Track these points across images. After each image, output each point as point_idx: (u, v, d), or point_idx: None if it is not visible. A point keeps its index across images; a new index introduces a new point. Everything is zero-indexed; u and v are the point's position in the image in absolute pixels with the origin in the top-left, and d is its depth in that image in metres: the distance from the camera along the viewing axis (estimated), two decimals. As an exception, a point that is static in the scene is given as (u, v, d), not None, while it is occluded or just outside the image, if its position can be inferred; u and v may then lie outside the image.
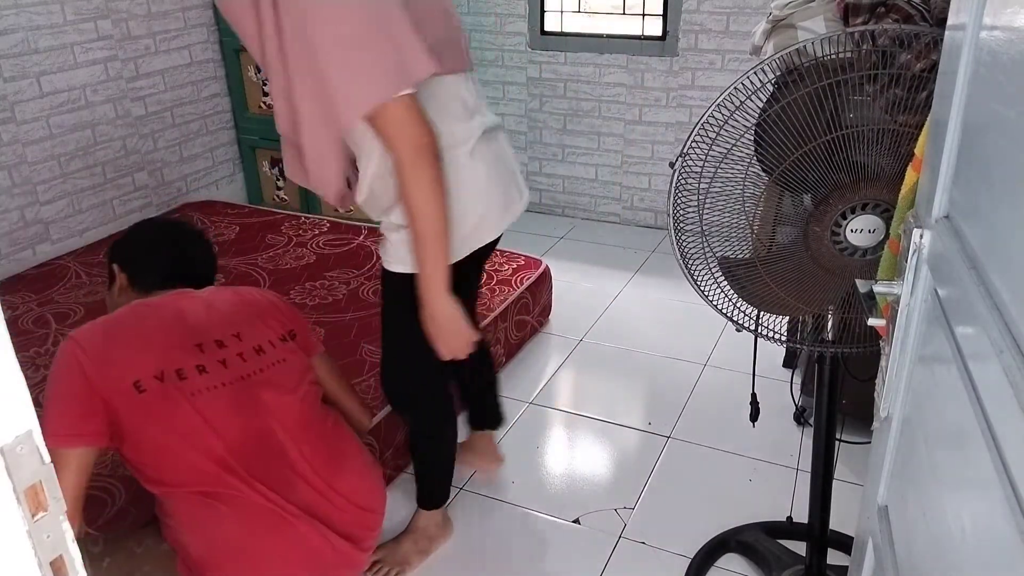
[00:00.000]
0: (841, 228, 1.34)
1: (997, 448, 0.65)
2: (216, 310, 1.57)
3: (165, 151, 3.71)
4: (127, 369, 1.41)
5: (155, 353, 1.45)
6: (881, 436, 1.10)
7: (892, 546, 1.01)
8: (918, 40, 1.24)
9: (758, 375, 1.78)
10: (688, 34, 3.57)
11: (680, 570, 1.91)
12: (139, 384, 1.41)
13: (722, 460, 2.30)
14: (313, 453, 1.57)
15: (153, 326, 1.49)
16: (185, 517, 1.46)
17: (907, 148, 1.25)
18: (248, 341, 1.56)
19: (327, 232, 3.31)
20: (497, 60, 3.98)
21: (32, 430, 0.56)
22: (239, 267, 3.01)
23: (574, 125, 3.96)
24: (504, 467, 2.28)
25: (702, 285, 1.52)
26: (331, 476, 1.58)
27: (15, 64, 3.01)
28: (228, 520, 1.45)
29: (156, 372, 1.42)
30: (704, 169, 1.39)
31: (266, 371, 1.55)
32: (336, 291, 2.80)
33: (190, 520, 1.46)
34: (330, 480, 1.58)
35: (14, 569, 0.56)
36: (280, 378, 1.57)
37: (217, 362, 1.50)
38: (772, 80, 1.33)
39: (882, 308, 1.09)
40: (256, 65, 3.87)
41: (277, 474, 1.51)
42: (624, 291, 3.32)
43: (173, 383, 1.43)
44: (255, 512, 1.46)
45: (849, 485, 2.13)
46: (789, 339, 1.63)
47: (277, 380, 1.56)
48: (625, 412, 2.55)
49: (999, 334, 0.67)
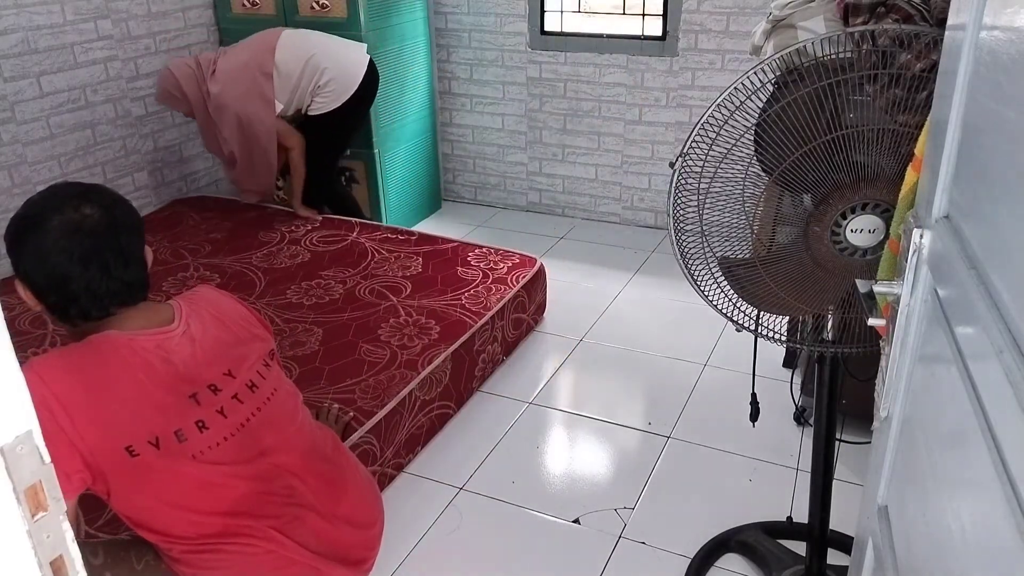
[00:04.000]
0: (841, 228, 1.34)
1: (997, 448, 0.65)
2: (201, 346, 1.40)
3: (165, 151, 3.71)
4: (118, 434, 1.26)
5: (149, 415, 1.29)
6: (881, 436, 1.10)
7: (892, 546, 1.01)
8: (918, 40, 1.24)
9: (758, 375, 1.78)
10: (688, 34, 3.57)
11: (680, 570, 1.91)
12: (132, 449, 1.26)
13: (722, 460, 2.30)
14: (318, 481, 1.53)
15: (142, 379, 1.30)
16: (185, 558, 1.39)
17: (907, 148, 1.25)
18: (240, 377, 1.44)
19: (320, 228, 3.31)
20: (497, 60, 3.99)
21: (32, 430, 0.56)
22: (233, 266, 3.01)
23: (574, 125, 3.96)
24: (504, 467, 2.28)
25: (702, 285, 1.52)
26: (334, 501, 1.55)
27: (15, 64, 3.01)
28: (234, 561, 1.40)
29: (151, 437, 1.28)
30: (704, 169, 1.39)
31: (263, 409, 1.46)
32: (332, 290, 2.80)
33: (190, 561, 1.39)
34: (334, 507, 1.55)
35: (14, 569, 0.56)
36: (277, 413, 1.48)
37: (216, 413, 1.37)
38: (772, 80, 1.33)
39: (882, 308, 1.09)
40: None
41: (287, 514, 1.46)
42: (624, 291, 3.32)
43: (172, 446, 1.30)
44: (262, 556, 1.43)
45: (849, 485, 2.13)
46: (789, 339, 1.63)
47: (275, 417, 1.48)
48: (625, 412, 2.55)
49: (999, 334, 0.67)
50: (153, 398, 1.31)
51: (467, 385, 2.55)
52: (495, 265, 2.96)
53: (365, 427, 2.08)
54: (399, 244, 3.14)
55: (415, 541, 2.02)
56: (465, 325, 2.55)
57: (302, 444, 1.52)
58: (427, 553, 1.99)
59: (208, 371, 1.40)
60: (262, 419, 1.45)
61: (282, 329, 2.55)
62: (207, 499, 1.35)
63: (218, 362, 1.42)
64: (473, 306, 2.67)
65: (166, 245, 3.17)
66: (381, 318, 2.60)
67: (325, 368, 2.33)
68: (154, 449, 1.28)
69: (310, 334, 2.52)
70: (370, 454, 2.09)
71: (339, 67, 3.20)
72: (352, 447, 2.02)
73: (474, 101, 4.12)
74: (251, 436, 1.42)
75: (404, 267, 2.96)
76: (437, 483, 2.22)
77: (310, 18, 3.63)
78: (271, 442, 1.45)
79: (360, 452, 2.04)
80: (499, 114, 4.09)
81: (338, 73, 3.19)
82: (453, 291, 2.77)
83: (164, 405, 1.31)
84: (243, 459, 1.40)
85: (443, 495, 2.18)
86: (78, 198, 1.32)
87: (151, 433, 1.29)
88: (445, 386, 2.41)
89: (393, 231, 3.28)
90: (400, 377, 2.28)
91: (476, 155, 4.26)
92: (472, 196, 4.36)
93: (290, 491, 1.47)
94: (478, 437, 2.41)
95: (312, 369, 2.32)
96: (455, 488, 2.20)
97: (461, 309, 2.65)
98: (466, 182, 4.35)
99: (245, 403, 1.43)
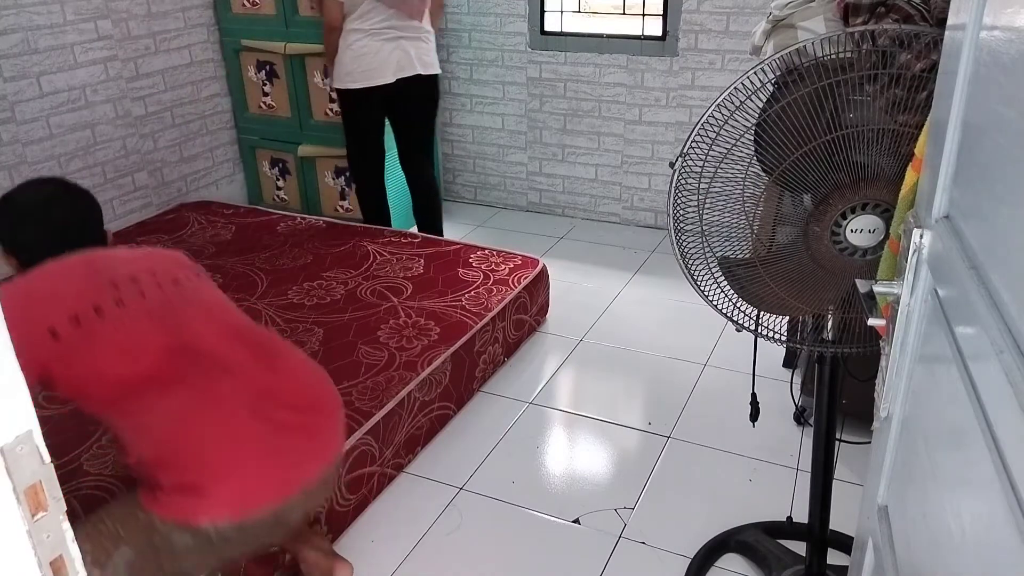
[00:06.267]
0: (841, 228, 1.34)
1: (997, 448, 0.65)
2: (123, 254, 1.59)
3: (165, 151, 3.72)
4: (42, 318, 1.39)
5: (68, 298, 1.43)
6: (881, 436, 1.10)
7: (892, 546, 1.01)
8: (918, 40, 1.24)
9: (758, 375, 1.78)
10: (688, 34, 3.57)
11: (680, 570, 1.91)
12: (54, 330, 1.38)
13: (722, 460, 2.30)
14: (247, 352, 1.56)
15: (62, 274, 1.48)
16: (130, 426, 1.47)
17: (907, 148, 1.25)
18: (163, 275, 1.56)
19: (324, 232, 3.31)
20: (497, 60, 3.99)
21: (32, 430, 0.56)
22: (236, 267, 3.01)
23: (574, 125, 3.96)
24: (504, 467, 2.28)
25: (702, 285, 1.52)
26: (271, 360, 1.58)
27: (15, 64, 3.01)
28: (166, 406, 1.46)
29: (70, 315, 1.40)
30: (704, 169, 1.39)
31: (187, 295, 1.56)
32: (334, 291, 2.80)
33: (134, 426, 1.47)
34: (271, 362, 1.58)
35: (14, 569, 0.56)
36: (201, 298, 1.59)
37: (136, 293, 1.48)
38: (772, 80, 1.33)
39: (882, 308, 1.09)
40: (256, 65, 3.88)
41: (211, 371, 1.51)
42: (624, 291, 3.32)
43: (90, 322, 1.42)
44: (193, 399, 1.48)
45: (849, 485, 2.13)
46: (789, 339, 1.63)
47: (199, 300, 1.57)
48: (625, 412, 2.55)
49: (999, 334, 0.67)
50: (71, 284, 1.46)
51: (467, 386, 2.55)
52: (497, 267, 2.96)
53: (363, 428, 2.07)
54: (402, 246, 3.14)
55: (415, 541, 2.02)
56: (465, 326, 2.55)
57: (228, 322, 1.59)
58: (427, 553, 1.99)
59: (128, 267, 1.53)
60: (185, 299, 1.55)
61: (283, 329, 2.55)
62: (128, 362, 1.44)
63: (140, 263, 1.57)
64: (474, 307, 2.67)
65: (170, 248, 3.17)
66: (381, 319, 2.60)
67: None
68: (75, 327, 1.40)
69: (311, 334, 2.52)
70: (369, 454, 2.09)
71: (374, 47, 2.99)
72: (351, 448, 2.02)
73: (474, 101, 4.12)
74: (172, 312, 1.51)
75: (406, 268, 2.96)
76: (437, 483, 2.22)
77: (310, 18, 3.63)
78: (193, 316, 1.54)
79: (359, 452, 2.05)
80: (499, 114, 4.09)
81: (366, 50, 2.99)
82: (454, 293, 2.77)
83: (81, 289, 1.45)
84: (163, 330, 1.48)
85: (443, 495, 2.18)
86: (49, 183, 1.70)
87: (71, 311, 1.41)
88: (445, 387, 2.41)
89: (396, 234, 3.28)
90: (399, 378, 2.28)
91: (476, 155, 4.26)
92: (472, 196, 4.36)
93: (211, 354, 1.52)
94: (478, 437, 2.41)
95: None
96: (455, 488, 2.20)
97: (462, 310, 2.65)
98: (466, 182, 4.35)
99: (165, 290, 1.54)
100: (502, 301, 2.71)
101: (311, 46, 3.66)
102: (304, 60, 3.74)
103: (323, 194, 3.99)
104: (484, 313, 2.63)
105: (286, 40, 3.74)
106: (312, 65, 3.74)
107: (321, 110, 3.83)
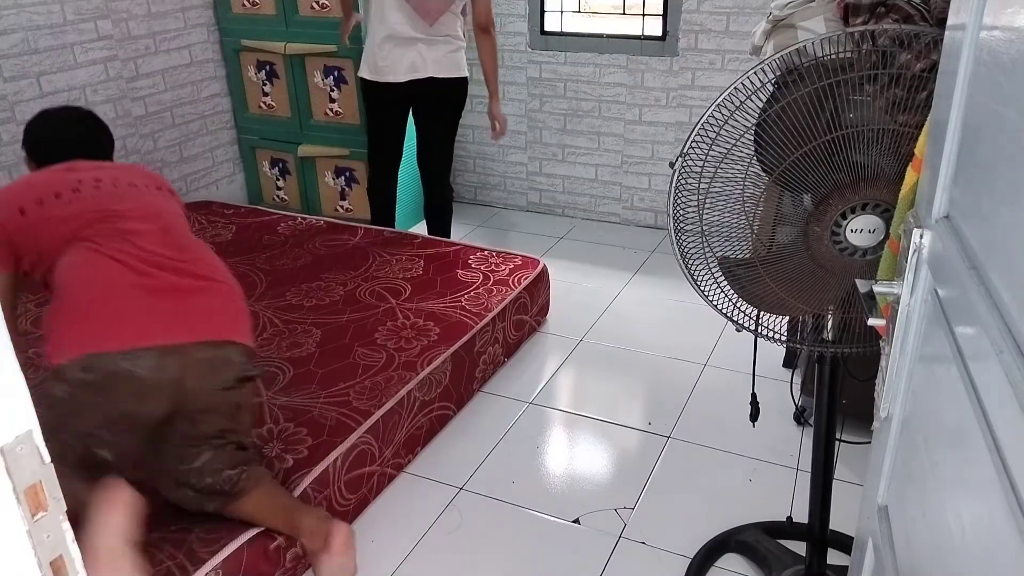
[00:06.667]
0: (841, 228, 1.34)
1: (997, 448, 0.65)
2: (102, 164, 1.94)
3: (165, 151, 3.71)
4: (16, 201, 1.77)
5: (37, 187, 1.81)
6: (881, 436, 1.10)
7: (892, 546, 1.01)
8: (918, 40, 1.24)
9: (758, 375, 1.78)
10: (688, 34, 3.57)
11: (680, 570, 1.91)
12: (22, 208, 1.76)
13: (722, 460, 2.30)
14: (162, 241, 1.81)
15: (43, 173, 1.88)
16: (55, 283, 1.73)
17: (907, 148, 1.25)
18: (123, 180, 1.89)
19: (324, 232, 3.31)
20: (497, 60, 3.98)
21: (32, 430, 0.56)
22: (236, 268, 2.99)
23: (574, 125, 3.96)
24: (504, 467, 2.28)
25: (702, 285, 1.52)
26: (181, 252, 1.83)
27: (15, 64, 3.01)
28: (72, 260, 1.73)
29: (36, 199, 1.77)
30: (704, 169, 1.39)
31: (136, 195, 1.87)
32: (333, 292, 2.80)
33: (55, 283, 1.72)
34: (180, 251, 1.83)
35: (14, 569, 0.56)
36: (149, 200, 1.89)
37: (92, 187, 1.82)
38: (772, 80, 1.33)
39: (882, 308, 1.09)
40: (256, 65, 3.87)
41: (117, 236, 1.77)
42: (624, 291, 3.32)
43: (50, 203, 1.77)
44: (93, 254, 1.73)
45: (849, 485, 2.13)
46: (789, 339, 1.63)
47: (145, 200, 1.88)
48: (625, 412, 2.55)
49: (999, 334, 0.67)
50: (46, 177, 1.85)
51: (467, 386, 2.54)
52: (496, 267, 2.96)
53: (363, 427, 2.07)
54: (402, 247, 3.14)
55: (415, 541, 2.02)
56: (465, 327, 2.55)
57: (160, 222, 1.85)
58: (427, 553, 1.99)
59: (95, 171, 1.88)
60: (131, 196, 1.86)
61: (281, 330, 2.55)
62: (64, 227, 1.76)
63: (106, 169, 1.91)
64: (474, 308, 2.67)
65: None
66: (379, 320, 2.60)
67: (318, 372, 2.32)
68: (39, 206, 1.77)
69: (308, 335, 2.52)
70: (368, 454, 2.09)
71: (393, 43, 2.95)
72: (350, 447, 2.02)
73: (474, 101, 4.12)
74: (115, 199, 1.83)
75: (405, 269, 2.96)
76: (437, 483, 2.22)
77: (310, 18, 3.63)
78: (130, 208, 1.83)
79: (358, 452, 2.05)
80: (499, 114, 4.09)
81: (385, 47, 2.96)
82: (453, 293, 2.77)
83: (51, 180, 1.83)
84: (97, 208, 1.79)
85: (443, 495, 2.18)
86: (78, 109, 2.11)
87: (37, 196, 1.79)
88: (445, 387, 2.40)
89: (396, 234, 3.28)
90: (398, 378, 2.28)
91: (476, 155, 4.26)
92: (472, 196, 4.36)
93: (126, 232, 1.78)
94: (478, 437, 2.41)
95: (306, 372, 2.32)
96: (455, 488, 2.20)
97: (461, 311, 2.65)
98: (466, 182, 4.35)
99: (120, 189, 1.86)
100: (502, 301, 2.71)
101: (311, 46, 3.66)
102: (304, 60, 3.74)
103: (323, 194, 3.99)
104: (484, 313, 2.63)
105: (286, 40, 3.74)
106: (312, 65, 3.74)
107: (321, 110, 3.83)
